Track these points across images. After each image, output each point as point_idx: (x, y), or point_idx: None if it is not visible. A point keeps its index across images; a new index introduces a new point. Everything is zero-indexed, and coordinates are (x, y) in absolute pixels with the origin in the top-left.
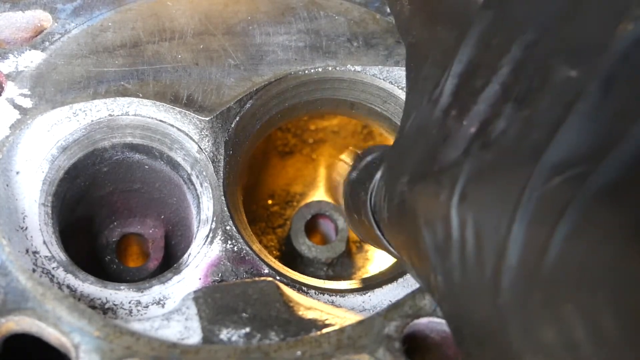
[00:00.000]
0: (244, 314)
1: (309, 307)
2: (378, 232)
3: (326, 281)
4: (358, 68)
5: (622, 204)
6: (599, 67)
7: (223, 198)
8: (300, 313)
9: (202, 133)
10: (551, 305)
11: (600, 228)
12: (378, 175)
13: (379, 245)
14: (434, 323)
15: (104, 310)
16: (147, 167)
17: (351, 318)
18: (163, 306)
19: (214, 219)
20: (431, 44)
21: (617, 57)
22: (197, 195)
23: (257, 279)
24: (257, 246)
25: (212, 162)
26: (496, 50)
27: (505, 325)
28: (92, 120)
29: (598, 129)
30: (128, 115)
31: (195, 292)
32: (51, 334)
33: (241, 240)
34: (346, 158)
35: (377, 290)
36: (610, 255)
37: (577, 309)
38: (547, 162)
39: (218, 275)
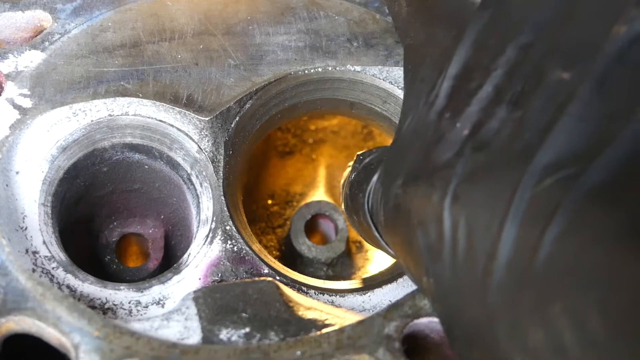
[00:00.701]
0: (243, 314)
1: (308, 307)
2: (376, 234)
3: (326, 281)
4: (358, 68)
5: (612, 204)
6: (591, 69)
7: (223, 198)
8: (300, 313)
9: (202, 133)
10: (540, 306)
11: (590, 229)
12: (375, 177)
13: (378, 246)
14: (434, 323)
15: (103, 310)
16: (147, 167)
17: (351, 318)
18: (163, 306)
19: (214, 218)
20: (428, 46)
21: (609, 59)
22: (197, 195)
23: (257, 279)
24: (257, 246)
25: (212, 162)
26: (491, 52)
27: (493, 325)
28: (91, 120)
29: (590, 130)
30: (128, 115)
31: (195, 292)
32: (51, 334)
33: (241, 240)
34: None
35: (377, 290)
36: (599, 256)
37: (566, 310)
38: (539, 163)
39: (218, 275)
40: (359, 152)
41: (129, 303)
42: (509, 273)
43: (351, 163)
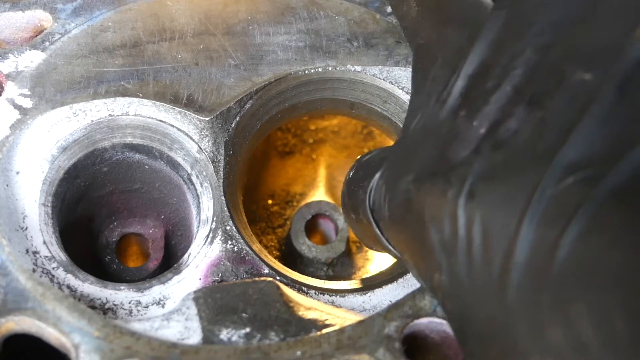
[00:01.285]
0: (244, 314)
1: (309, 307)
2: (377, 231)
3: (326, 281)
4: (358, 68)
5: (633, 206)
6: (614, 71)
7: (223, 198)
8: (300, 313)
9: (202, 133)
10: (560, 305)
11: (611, 230)
12: (378, 174)
13: (377, 244)
14: (434, 323)
15: (104, 310)
16: (147, 167)
17: (351, 318)
18: (163, 306)
19: (214, 219)
20: (440, 46)
21: (633, 62)
22: (197, 195)
23: (257, 279)
24: (257, 246)
25: (212, 162)
26: (510, 52)
27: (511, 324)
28: (92, 120)
29: (612, 132)
30: (128, 115)
31: (195, 292)
32: (51, 334)
33: (241, 240)
34: None
35: (377, 291)
36: (621, 256)
37: (587, 310)
38: (560, 163)
39: (218, 275)
40: (359, 156)
41: (129, 303)
42: (528, 272)
43: None
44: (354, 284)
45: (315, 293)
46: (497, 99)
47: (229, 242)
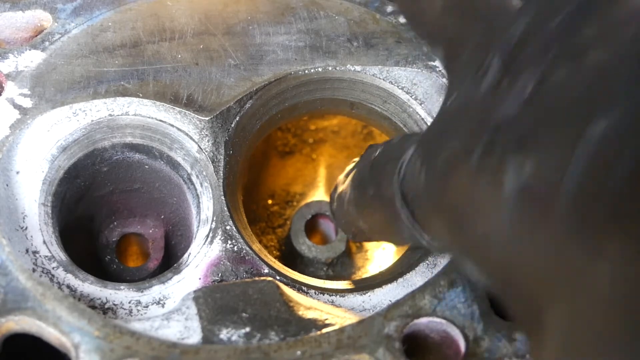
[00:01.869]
0: (244, 314)
1: (308, 307)
2: (399, 204)
3: (326, 281)
4: (358, 68)
5: None
6: None
7: (223, 198)
8: (300, 313)
9: (202, 133)
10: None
11: None
12: (411, 150)
13: (383, 229)
14: (434, 323)
15: (104, 310)
16: (147, 167)
17: (351, 318)
18: (163, 306)
19: (214, 218)
20: (471, 35)
21: None
22: (197, 195)
23: (257, 278)
24: (257, 246)
25: (212, 162)
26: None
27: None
28: (92, 120)
29: None
30: (128, 115)
31: (195, 291)
32: (51, 333)
33: (241, 240)
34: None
35: (377, 290)
36: None
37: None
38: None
39: (218, 275)
40: (371, 144)
41: (129, 303)
42: (577, 201)
43: (356, 159)
44: (354, 283)
45: (315, 293)
46: (537, 58)
47: (229, 242)
